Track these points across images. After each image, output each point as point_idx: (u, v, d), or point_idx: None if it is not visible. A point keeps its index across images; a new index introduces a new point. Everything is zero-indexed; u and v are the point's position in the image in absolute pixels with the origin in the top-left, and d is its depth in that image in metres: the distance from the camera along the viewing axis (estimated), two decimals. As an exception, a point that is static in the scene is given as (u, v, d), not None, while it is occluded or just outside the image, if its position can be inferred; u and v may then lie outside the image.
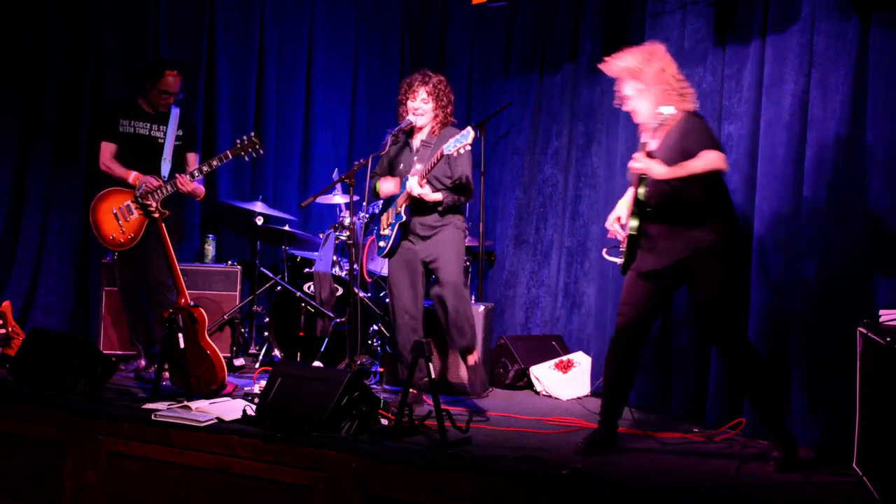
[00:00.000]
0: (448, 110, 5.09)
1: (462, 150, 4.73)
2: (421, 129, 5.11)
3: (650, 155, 4.01)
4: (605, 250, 4.52)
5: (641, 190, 4.09)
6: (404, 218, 5.01)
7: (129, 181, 5.50)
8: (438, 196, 4.93)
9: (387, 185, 5.14)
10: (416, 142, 5.12)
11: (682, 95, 4.12)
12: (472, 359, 5.14)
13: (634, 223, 4.15)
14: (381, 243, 5.19)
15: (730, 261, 4.15)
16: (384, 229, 5.18)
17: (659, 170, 3.96)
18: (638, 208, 4.13)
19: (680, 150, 4.01)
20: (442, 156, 4.81)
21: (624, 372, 4.31)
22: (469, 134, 4.70)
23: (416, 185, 4.89)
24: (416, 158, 5.06)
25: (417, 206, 5.00)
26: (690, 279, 4.16)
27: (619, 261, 4.30)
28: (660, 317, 5.35)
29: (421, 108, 5.03)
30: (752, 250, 4.75)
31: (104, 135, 5.65)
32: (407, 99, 5.07)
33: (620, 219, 4.34)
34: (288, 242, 6.63)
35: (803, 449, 4.21)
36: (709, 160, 3.94)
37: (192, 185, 5.52)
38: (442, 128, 5.07)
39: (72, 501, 4.37)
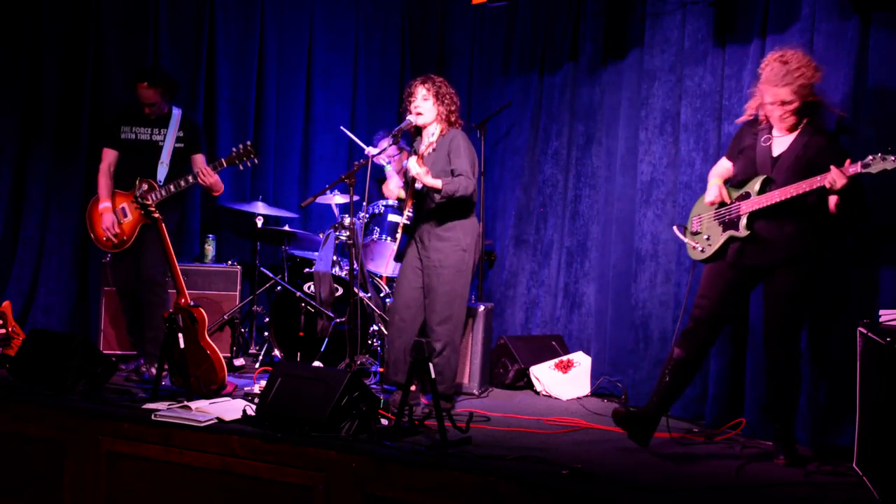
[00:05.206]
0: (452, 109, 4.90)
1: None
2: (425, 128, 4.95)
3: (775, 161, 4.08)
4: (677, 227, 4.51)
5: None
6: (409, 221, 4.95)
7: (100, 203, 5.51)
8: (438, 183, 4.70)
9: (389, 185, 5.04)
10: (422, 147, 4.95)
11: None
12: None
13: (745, 222, 4.13)
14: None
15: (815, 270, 4.14)
16: (398, 233, 5.09)
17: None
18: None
19: (807, 162, 4.02)
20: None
21: (692, 365, 4.27)
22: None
23: (414, 165, 4.72)
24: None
25: (421, 206, 4.93)
26: (773, 277, 4.14)
27: (693, 244, 4.30)
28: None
29: (421, 106, 4.86)
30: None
31: (105, 141, 5.64)
32: (409, 103, 4.90)
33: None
34: (288, 242, 6.63)
35: (803, 448, 4.23)
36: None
37: (213, 176, 5.45)
38: (448, 129, 4.90)
39: (72, 501, 4.37)
